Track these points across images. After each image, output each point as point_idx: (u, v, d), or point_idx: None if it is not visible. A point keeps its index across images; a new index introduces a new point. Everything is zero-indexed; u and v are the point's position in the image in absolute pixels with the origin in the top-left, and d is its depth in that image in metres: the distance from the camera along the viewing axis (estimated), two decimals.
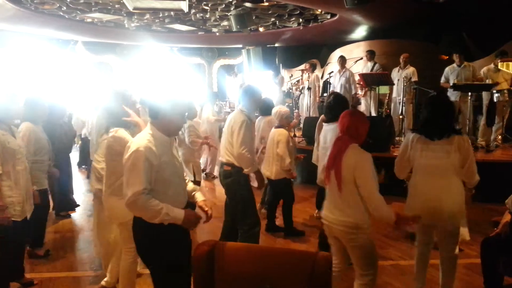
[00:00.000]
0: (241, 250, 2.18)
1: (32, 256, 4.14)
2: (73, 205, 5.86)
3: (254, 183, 3.93)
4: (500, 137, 7.08)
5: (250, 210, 3.79)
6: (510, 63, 6.70)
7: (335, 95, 4.06)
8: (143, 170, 2.21)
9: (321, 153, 3.97)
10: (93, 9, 8.30)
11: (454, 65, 7.21)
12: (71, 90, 11.23)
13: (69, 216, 5.64)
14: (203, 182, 7.40)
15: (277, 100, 10.54)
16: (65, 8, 8.15)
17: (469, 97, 6.70)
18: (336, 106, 3.80)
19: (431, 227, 3.04)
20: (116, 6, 8.07)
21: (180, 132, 4.49)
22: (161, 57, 13.16)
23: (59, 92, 10.32)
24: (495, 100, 6.94)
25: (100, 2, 7.83)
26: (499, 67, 6.75)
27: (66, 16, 8.90)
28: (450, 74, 7.26)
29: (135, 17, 9.06)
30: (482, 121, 7.20)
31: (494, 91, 6.88)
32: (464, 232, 4.17)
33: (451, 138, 2.86)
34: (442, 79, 7.36)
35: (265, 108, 5.24)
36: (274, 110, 4.91)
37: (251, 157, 3.65)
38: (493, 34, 8.27)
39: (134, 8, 7.57)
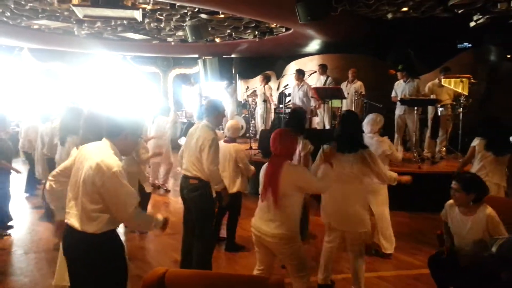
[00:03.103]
0: (192, 277, 2.14)
1: None
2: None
3: None
4: (444, 149, 7.48)
5: (209, 225, 3.80)
6: (452, 79, 7.11)
7: (293, 110, 4.25)
8: (128, 187, 2.28)
9: None
10: (40, 15, 7.92)
11: (401, 80, 7.57)
12: (17, 99, 10.65)
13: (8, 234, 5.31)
14: (157, 197, 7.24)
15: (230, 110, 10.57)
16: (9, 14, 7.72)
17: (415, 111, 7.05)
18: (293, 120, 3.99)
19: (338, 230, 3.54)
20: (65, 13, 7.75)
21: None
22: (113, 65, 12.79)
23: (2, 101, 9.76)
24: (439, 114, 7.34)
25: (48, 9, 7.49)
26: (442, 83, 7.14)
27: (11, 22, 8.44)
28: (398, 88, 7.62)
29: (86, 24, 8.75)
30: (427, 133, 7.59)
31: (438, 106, 7.28)
32: (386, 244, 4.45)
33: (358, 152, 3.37)
34: (393, 93, 7.70)
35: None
36: (228, 124, 4.85)
37: (220, 174, 3.73)
38: (437, 51, 8.80)
39: (85, 16, 7.28)
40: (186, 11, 7.57)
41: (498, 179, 4.30)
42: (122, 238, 2.96)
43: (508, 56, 8.69)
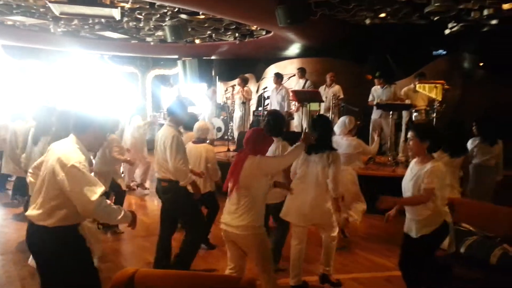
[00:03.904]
0: (163, 277, 2.11)
1: None
2: None
3: None
4: None
5: (194, 221, 3.88)
6: (427, 85, 7.27)
7: (273, 113, 4.30)
8: (92, 176, 2.31)
9: None
10: (14, 11, 7.70)
11: (378, 86, 7.68)
12: None
13: None
14: (132, 199, 7.12)
15: (209, 113, 10.52)
16: None
17: (391, 116, 7.18)
18: (274, 123, 4.03)
19: (303, 228, 3.70)
20: (41, 10, 7.57)
21: None
22: (90, 64, 12.55)
23: None
24: (413, 118, 7.49)
25: (23, 4, 7.29)
26: (417, 88, 7.30)
27: None
28: (375, 93, 7.74)
29: (62, 22, 8.56)
30: (401, 137, 7.73)
31: (413, 110, 7.43)
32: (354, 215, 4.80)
33: (325, 153, 3.57)
34: (370, 97, 7.81)
35: (189, 123, 5.06)
36: (196, 125, 4.84)
37: (186, 169, 3.75)
38: (413, 58, 8.99)
39: (61, 13, 7.14)
40: (165, 11, 7.50)
41: (449, 180, 4.21)
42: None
43: (481, 63, 8.94)
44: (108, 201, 2.34)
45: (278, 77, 8.65)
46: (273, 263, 3.10)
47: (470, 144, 5.08)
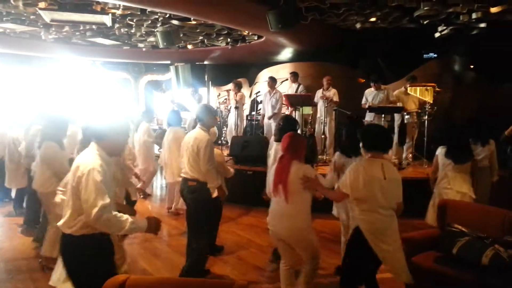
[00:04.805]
0: (154, 284, 2.10)
1: None
2: None
3: None
4: (411, 155, 7.68)
5: (205, 226, 3.95)
6: (418, 88, 7.33)
7: (286, 117, 4.45)
8: (102, 187, 2.32)
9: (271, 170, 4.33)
10: (4, 19, 7.67)
11: (372, 88, 7.74)
12: None
13: None
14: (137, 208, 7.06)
15: None
16: None
17: (383, 118, 7.22)
18: (286, 127, 4.14)
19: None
20: (32, 17, 7.54)
21: None
22: (83, 71, 12.51)
23: None
24: (405, 121, 7.54)
25: (13, 12, 7.26)
26: (408, 91, 7.35)
27: None
28: (368, 96, 7.79)
29: (53, 29, 8.54)
30: (394, 140, 7.77)
31: (405, 113, 7.48)
32: None
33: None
34: (363, 100, 7.85)
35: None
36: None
37: (216, 172, 4.00)
38: (404, 61, 9.06)
39: (52, 20, 7.11)
40: (157, 17, 7.51)
41: (459, 187, 4.28)
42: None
43: (472, 65, 9.04)
44: (114, 213, 2.33)
45: (273, 81, 8.64)
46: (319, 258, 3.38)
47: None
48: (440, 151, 4.51)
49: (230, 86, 9.81)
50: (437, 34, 7.96)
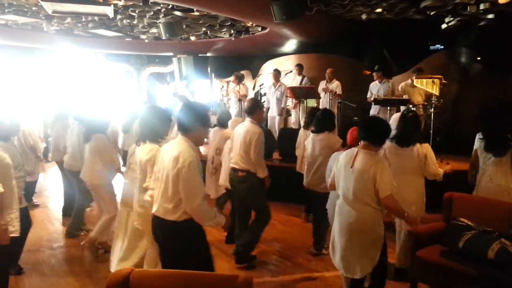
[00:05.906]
0: (158, 277, 2.08)
1: None
2: None
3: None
4: None
5: (264, 206, 4.28)
6: (424, 80, 7.24)
7: (324, 110, 4.70)
8: (201, 179, 2.55)
9: (311, 161, 4.59)
10: (6, 10, 7.62)
11: (376, 81, 7.65)
12: None
13: None
14: None
15: None
16: None
17: (388, 111, 7.15)
18: (325, 119, 4.49)
19: None
20: (33, 8, 7.49)
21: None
22: (85, 62, 12.46)
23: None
24: None
25: (15, 3, 7.22)
26: (414, 83, 7.27)
27: None
28: (373, 89, 7.71)
29: (55, 20, 8.48)
30: None
31: (411, 105, 7.40)
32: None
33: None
34: (368, 94, 7.77)
35: (223, 120, 5.33)
36: (231, 122, 5.20)
37: (264, 163, 4.28)
38: (410, 53, 8.96)
39: (54, 12, 7.06)
40: (159, 8, 7.44)
41: (502, 180, 3.87)
42: None
43: (479, 58, 8.92)
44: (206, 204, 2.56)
45: (278, 73, 8.58)
46: None
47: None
48: (478, 145, 4.14)
49: (231, 78, 9.75)
50: (444, 26, 7.83)
